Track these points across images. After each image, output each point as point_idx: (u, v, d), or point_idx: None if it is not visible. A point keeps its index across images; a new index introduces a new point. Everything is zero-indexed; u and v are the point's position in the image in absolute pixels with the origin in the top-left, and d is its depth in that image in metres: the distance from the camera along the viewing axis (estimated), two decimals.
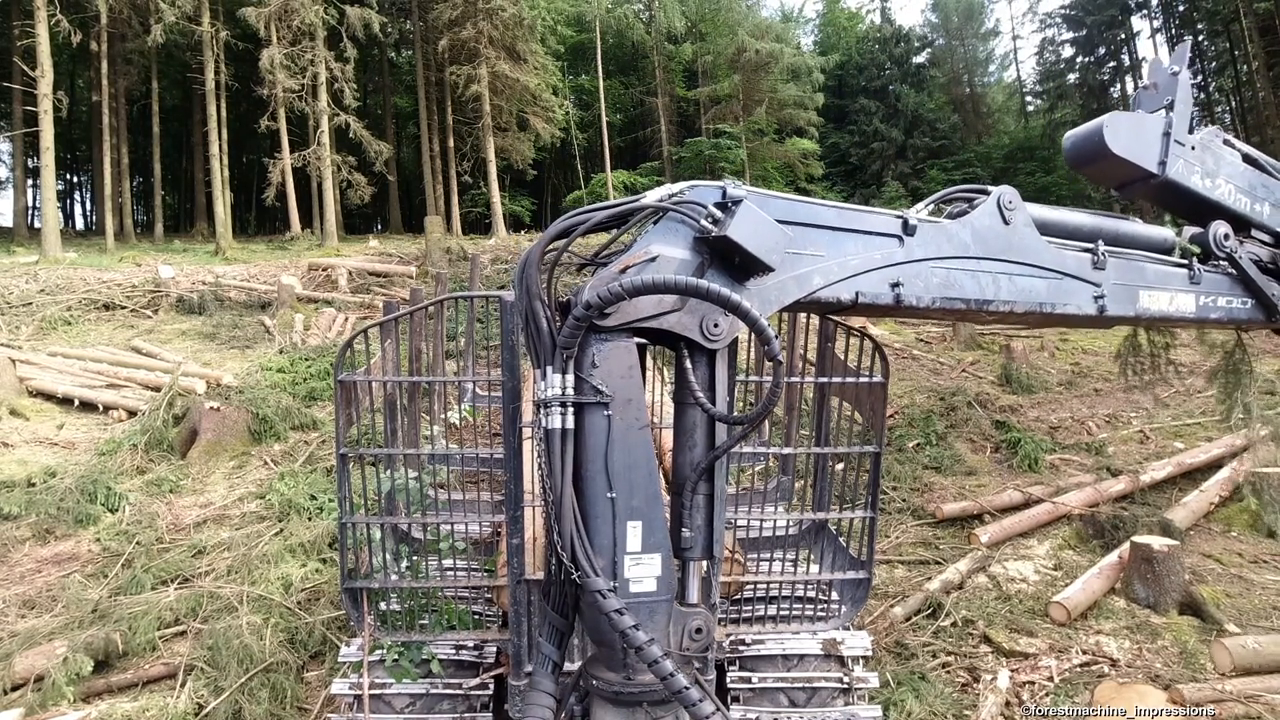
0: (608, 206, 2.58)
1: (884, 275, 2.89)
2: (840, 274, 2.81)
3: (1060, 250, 3.20)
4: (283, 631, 5.27)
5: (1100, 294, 3.29)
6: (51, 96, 23.66)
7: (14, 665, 4.96)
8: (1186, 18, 41.81)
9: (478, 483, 5.01)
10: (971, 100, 51.88)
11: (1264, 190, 3.70)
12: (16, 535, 7.19)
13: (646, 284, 2.34)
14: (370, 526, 3.88)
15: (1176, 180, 3.43)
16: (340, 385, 3.62)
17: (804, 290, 2.75)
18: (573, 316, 2.40)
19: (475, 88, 32.61)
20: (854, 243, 2.85)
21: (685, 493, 2.66)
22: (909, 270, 2.92)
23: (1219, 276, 3.60)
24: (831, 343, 4.37)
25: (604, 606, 2.30)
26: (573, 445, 2.44)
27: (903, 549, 6.96)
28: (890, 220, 2.93)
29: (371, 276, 20.38)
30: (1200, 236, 3.63)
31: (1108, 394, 11.23)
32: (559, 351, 2.43)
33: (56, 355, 12.48)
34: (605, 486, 2.45)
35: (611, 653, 2.52)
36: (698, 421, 2.65)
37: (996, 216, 3.07)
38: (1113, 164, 3.36)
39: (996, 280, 3.07)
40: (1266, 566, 6.35)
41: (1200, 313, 3.59)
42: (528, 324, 2.51)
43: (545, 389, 2.43)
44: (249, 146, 42.73)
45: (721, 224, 2.48)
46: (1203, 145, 3.51)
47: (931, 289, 2.96)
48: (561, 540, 2.40)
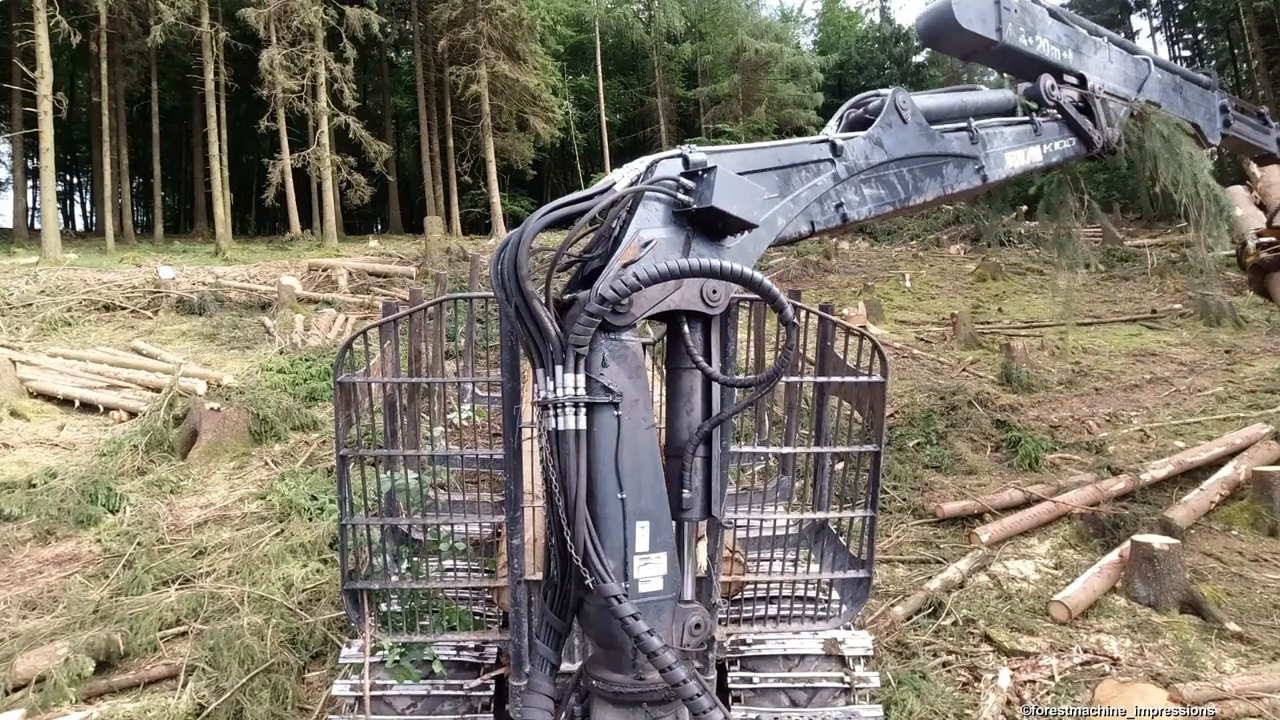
0: (582, 199, 2.55)
1: (829, 199, 3.14)
2: (796, 209, 2.98)
3: (945, 135, 3.63)
4: (284, 632, 5.27)
5: (980, 165, 3.76)
6: (51, 97, 23.67)
7: (16, 666, 4.96)
8: (1186, 16, 41.79)
9: (478, 483, 5.01)
10: None
11: (1068, 39, 4.41)
12: (17, 536, 7.19)
13: (663, 271, 2.31)
14: (370, 527, 3.88)
15: (1010, 43, 4.02)
16: (340, 386, 3.61)
17: (773, 235, 2.89)
18: (586, 313, 2.34)
19: (475, 88, 32.62)
20: (798, 176, 3.04)
21: (686, 455, 2.68)
22: (847, 189, 3.18)
23: (1051, 124, 4.26)
24: (831, 342, 4.37)
25: (619, 612, 2.27)
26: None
27: (903, 548, 6.96)
28: (820, 147, 3.16)
29: (371, 277, 20.39)
30: (1031, 90, 4.31)
31: (1108, 393, 11.22)
32: (571, 350, 2.36)
33: (57, 356, 12.48)
34: (616, 487, 2.43)
35: (616, 654, 2.52)
36: (695, 385, 2.71)
37: (896, 116, 3.41)
38: (961, 36, 3.92)
39: (912, 176, 3.45)
40: (1267, 565, 6.34)
41: (1046, 159, 4.23)
42: (523, 324, 2.44)
43: (555, 389, 2.37)
44: (249, 147, 42.72)
45: (699, 194, 2.50)
46: (1020, 7, 4.10)
47: (866, 200, 3.28)
48: (574, 544, 2.35)
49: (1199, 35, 42.53)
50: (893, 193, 3.39)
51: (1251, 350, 12.99)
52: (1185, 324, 15.11)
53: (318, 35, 29.63)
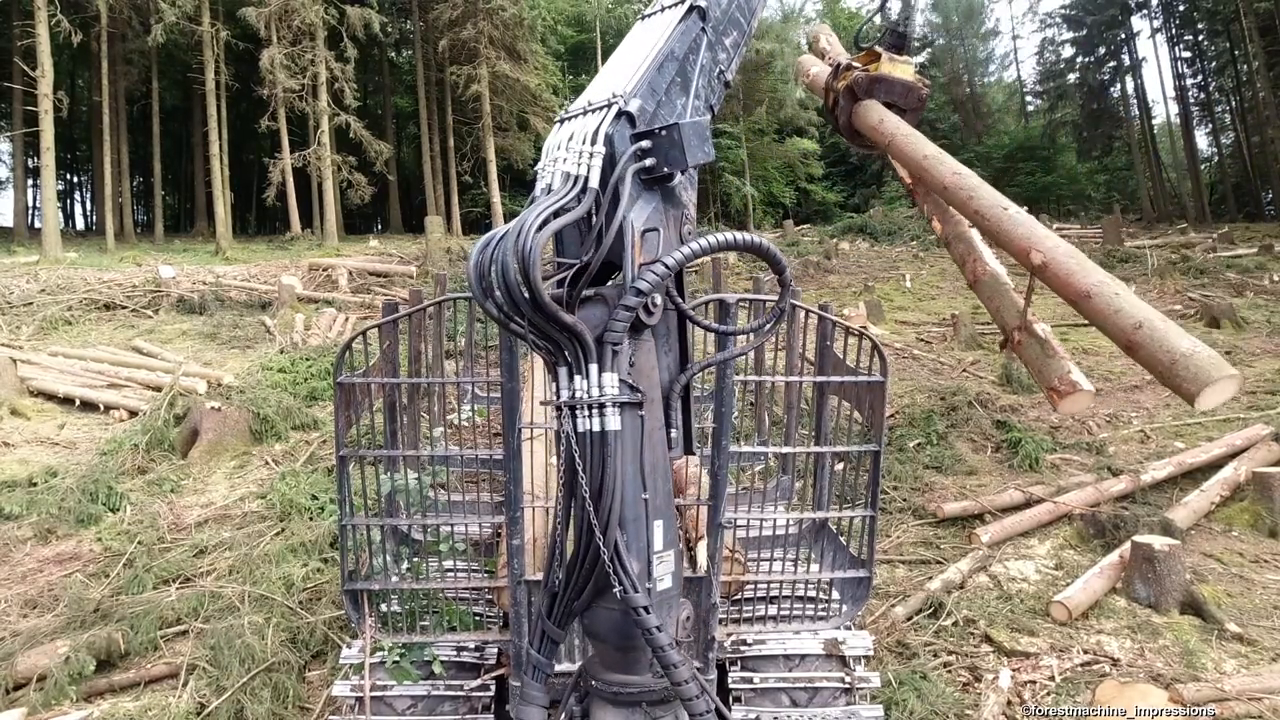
0: (564, 201, 2.32)
1: (712, 73, 3.05)
2: (701, 103, 2.90)
3: None
4: (284, 631, 5.27)
5: None
6: (52, 96, 23.66)
7: (16, 665, 4.96)
8: (1187, 17, 41.76)
9: (478, 483, 5.01)
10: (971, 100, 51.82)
11: None
12: (18, 535, 7.19)
13: (687, 256, 2.33)
14: (370, 528, 3.88)
15: None
16: (339, 387, 3.61)
17: (706, 146, 2.64)
18: (623, 307, 2.28)
19: (475, 88, 32.60)
20: (690, 66, 2.89)
21: (672, 395, 2.72)
22: (718, 51, 3.10)
23: None
24: (830, 342, 4.37)
25: (644, 624, 2.27)
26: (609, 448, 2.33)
27: (904, 548, 6.96)
28: (691, 21, 2.96)
29: (372, 276, 20.40)
30: None
31: (1108, 394, 11.22)
32: (606, 348, 2.30)
33: (57, 355, 12.48)
34: (641, 487, 2.41)
35: (625, 656, 2.52)
36: (672, 326, 2.78)
37: None
38: None
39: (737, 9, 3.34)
40: (1268, 566, 6.34)
41: None
42: (536, 325, 2.28)
43: (591, 389, 2.29)
44: (249, 146, 42.72)
45: (668, 157, 2.38)
46: None
47: (729, 51, 3.18)
48: (607, 548, 2.29)
49: (1199, 36, 42.51)
50: (740, 29, 3.20)
51: (1251, 351, 12.99)
52: (1185, 325, 15.10)
53: (318, 34, 29.62)
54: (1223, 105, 44.57)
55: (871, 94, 4.42)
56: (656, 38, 2.86)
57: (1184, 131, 43.52)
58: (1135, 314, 2.22)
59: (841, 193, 45.35)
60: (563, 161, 2.42)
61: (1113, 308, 2.33)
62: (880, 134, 3.92)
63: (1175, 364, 2.02)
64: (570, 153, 2.41)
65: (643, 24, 3.17)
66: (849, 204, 44.14)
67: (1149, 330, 2.16)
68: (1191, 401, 1.93)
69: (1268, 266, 20.69)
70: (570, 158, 2.40)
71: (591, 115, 2.50)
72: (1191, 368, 1.99)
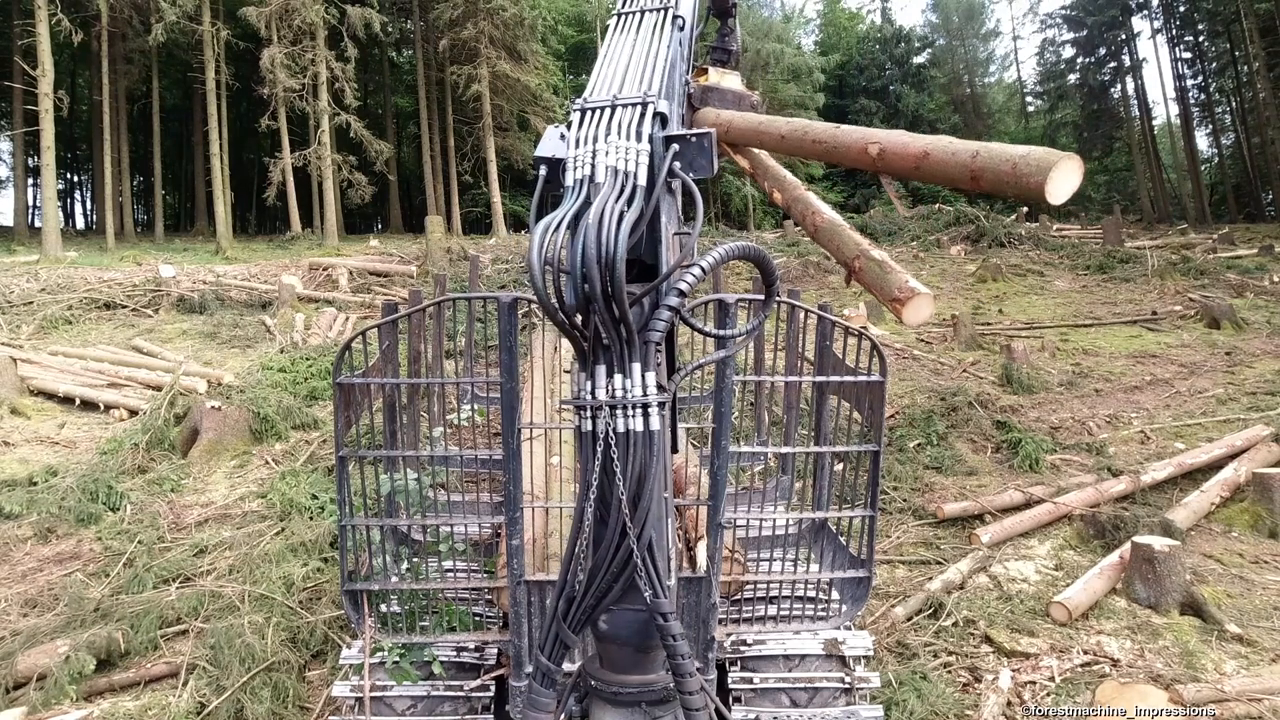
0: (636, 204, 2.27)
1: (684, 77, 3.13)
2: (678, 108, 2.98)
3: None
4: (284, 630, 5.27)
5: None
6: (52, 96, 23.65)
7: (16, 664, 4.96)
8: (1187, 18, 41.78)
9: (478, 483, 5.01)
10: (972, 100, 51.87)
11: None
12: (18, 534, 7.19)
13: (715, 261, 2.29)
14: (370, 528, 3.88)
15: None
16: (339, 388, 3.60)
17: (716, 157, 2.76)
18: (666, 307, 2.25)
19: (476, 87, 32.63)
20: (676, 73, 2.93)
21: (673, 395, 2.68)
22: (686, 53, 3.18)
23: None
24: (830, 342, 4.37)
25: (669, 630, 2.25)
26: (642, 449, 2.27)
27: (904, 549, 6.96)
28: (673, 30, 2.99)
29: (372, 276, 20.38)
30: None
31: (1108, 394, 11.22)
32: (650, 347, 2.26)
33: (58, 354, 12.48)
34: (664, 487, 2.41)
35: (639, 657, 2.52)
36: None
37: None
38: None
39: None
40: (1268, 567, 6.34)
41: None
42: (590, 318, 2.19)
43: (632, 388, 2.23)
44: (249, 146, 42.76)
45: (694, 165, 2.38)
46: None
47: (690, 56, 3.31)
48: (639, 551, 2.27)
49: (1200, 37, 42.53)
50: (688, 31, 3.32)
51: (1252, 352, 12.99)
52: (1185, 325, 15.11)
53: (319, 34, 29.63)
54: (1223, 106, 44.59)
55: (706, 103, 4.75)
56: (652, 41, 2.86)
57: (1184, 132, 43.54)
58: (971, 146, 2.44)
59: (842, 193, 45.34)
60: (604, 154, 2.33)
61: (949, 151, 2.51)
62: (720, 122, 4.09)
63: (1016, 166, 2.20)
64: (613, 146, 2.34)
65: (624, 22, 3.15)
66: (849, 204, 44.13)
67: (986, 153, 2.35)
68: (1042, 194, 2.09)
69: (1268, 267, 20.70)
70: (614, 152, 2.32)
71: (627, 110, 2.43)
72: (1031, 162, 2.16)
